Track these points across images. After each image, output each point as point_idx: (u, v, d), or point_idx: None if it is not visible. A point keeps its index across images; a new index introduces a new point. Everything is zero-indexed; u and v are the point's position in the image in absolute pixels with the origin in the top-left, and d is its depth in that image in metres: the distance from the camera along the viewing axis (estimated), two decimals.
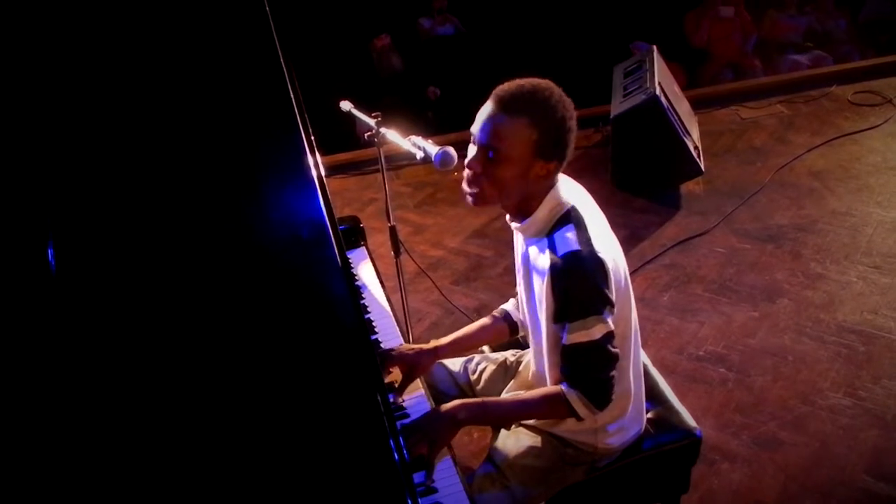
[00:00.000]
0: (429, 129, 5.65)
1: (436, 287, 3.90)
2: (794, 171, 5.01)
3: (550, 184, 2.04)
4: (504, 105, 1.94)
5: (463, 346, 2.40)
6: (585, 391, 2.02)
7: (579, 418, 2.06)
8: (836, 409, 3.24)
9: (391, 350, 2.30)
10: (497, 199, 2.04)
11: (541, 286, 2.04)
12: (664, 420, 2.36)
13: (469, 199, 2.05)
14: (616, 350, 2.02)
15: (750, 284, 4.04)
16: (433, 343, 2.34)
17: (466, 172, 2.02)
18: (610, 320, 1.98)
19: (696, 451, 2.35)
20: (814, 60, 6.49)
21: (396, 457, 1.67)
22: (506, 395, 2.36)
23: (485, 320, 2.43)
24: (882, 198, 4.63)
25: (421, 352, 2.30)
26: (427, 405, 2.22)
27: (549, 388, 2.10)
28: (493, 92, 1.98)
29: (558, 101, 1.98)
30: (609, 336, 1.98)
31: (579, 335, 1.96)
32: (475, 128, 1.99)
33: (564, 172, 2.13)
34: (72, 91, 1.90)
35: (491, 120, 1.96)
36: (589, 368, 2.01)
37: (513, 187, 2.00)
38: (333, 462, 1.66)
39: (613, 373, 2.03)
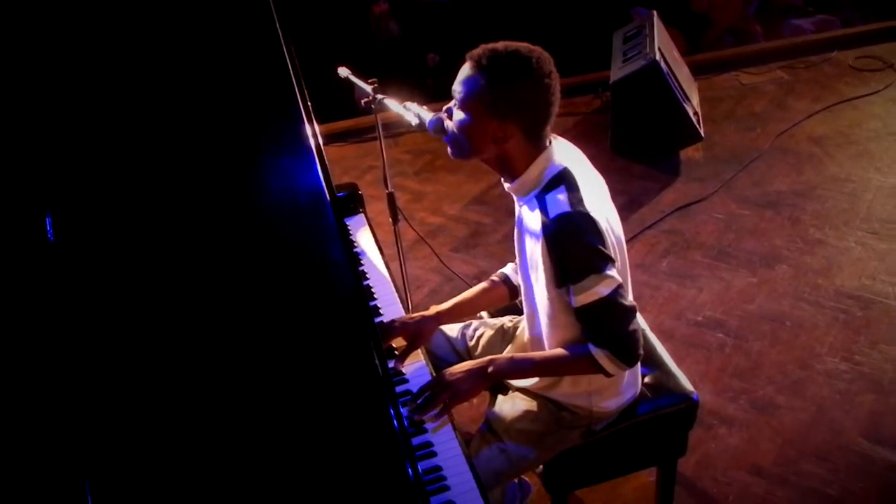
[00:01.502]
0: (428, 96, 5.62)
1: (435, 254, 3.91)
2: (793, 136, 4.99)
3: (539, 149, 2.04)
4: (473, 57, 1.99)
5: (464, 311, 2.41)
6: (612, 349, 2.02)
7: (608, 374, 2.07)
8: (833, 374, 3.26)
9: (393, 321, 2.30)
10: (467, 151, 2.08)
11: (533, 248, 2.05)
12: (661, 384, 2.38)
13: (450, 152, 2.12)
14: (630, 302, 2.02)
15: (749, 250, 4.04)
16: (434, 309, 2.35)
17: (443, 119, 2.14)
18: (613, 273, 1.97)
19: (693, 415, 2.37)
20: (819, 24, 6.41)
21: (396, 424, 1.68)
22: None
23: (484, 284, 2.44)
24: (882, 164, 4.62)
25: (423, 319, 2.31)
26: (426, 371, 2.23)
27: (578, 346, 2.10)
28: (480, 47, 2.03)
29: (526, 67, 1.95)
30: (618, 289, 1.98)
31: (586, 296, 1.97)
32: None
33: (564, 137, 2.13)
34: (69, 64, 1.89)
35: (462, 71, 2.02)
36: (607, 325, 2.01)
37: (475, 142, 2.04)
38: (332, 429, 1.67)
39: (634, 326, 2.03)
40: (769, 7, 6.69)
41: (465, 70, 2.00)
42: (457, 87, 2.02)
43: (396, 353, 2.27)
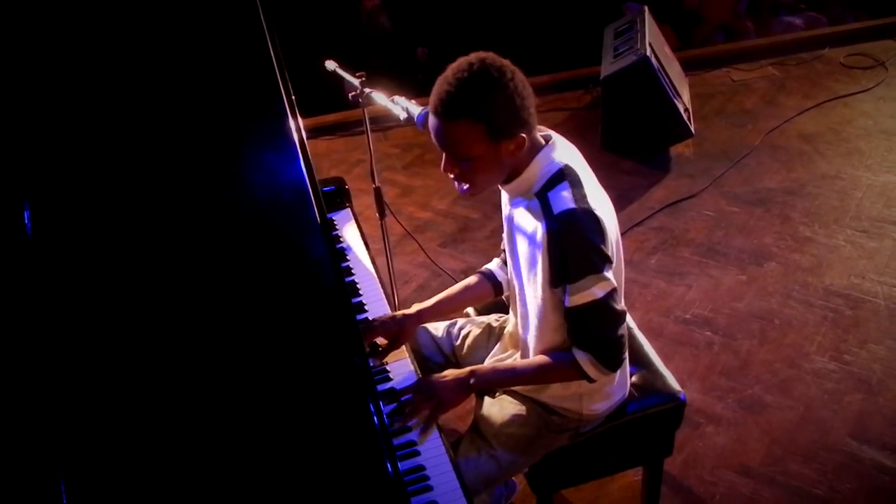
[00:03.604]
0: (418, 90, 5.59)
1: (422, 249, 3.89)
2: (784, 133, 4.98)
3: (536, 147, 2.00)
4: (440, 113, 1.89)
5: (447, 308, 2.38)
6: (595, 353, 2.00)
7: (591, 380, 2.05)
8: (821, 373, 3.25)
9: (373, 320, 2.27)
10: (489, 186, 2.03)
11: (528, 248, 2.02)
12: (649, 384, 2.36)
13: (465, 194, 2.03)
14: (621, 307, 2.00)
15: (738, 248, 4.03)
16: (415, 307, 2.32)
17: (450, 175, 2.01)
18: (610, 275, 1.95)
19: (680, 415, 2.35)
20: (808, 22, 6.42)
21: (376, 421, 1.66)
22: (490, 359, 2.35)
23: (468, 280, 2.41)
24: (872, 161, 4.61)
25: (404, 318, 2.27)
26: (411, 370, 2.21)
27: (560, 352, 2.08)
28: (430, 99, 1.91)
29: (489, 79, 1.86)
30: (612, 292, 1.96)
31: (581, 296, 1.94)
32: (433, 137, 1.95)
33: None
34: (49, 58, 1.87)
35: (438, 130, 1.92)
36: (596, 329, 1.99)
37: (496, 172, 1.98)
38: (311, 425, 1.65)
39: (622, 332, 2.01)
40: (760, 3, 6.69)
41: (445, 126, 1.90)
42: (449, 149, 1.93)
43: (380, 350, 2.24)
